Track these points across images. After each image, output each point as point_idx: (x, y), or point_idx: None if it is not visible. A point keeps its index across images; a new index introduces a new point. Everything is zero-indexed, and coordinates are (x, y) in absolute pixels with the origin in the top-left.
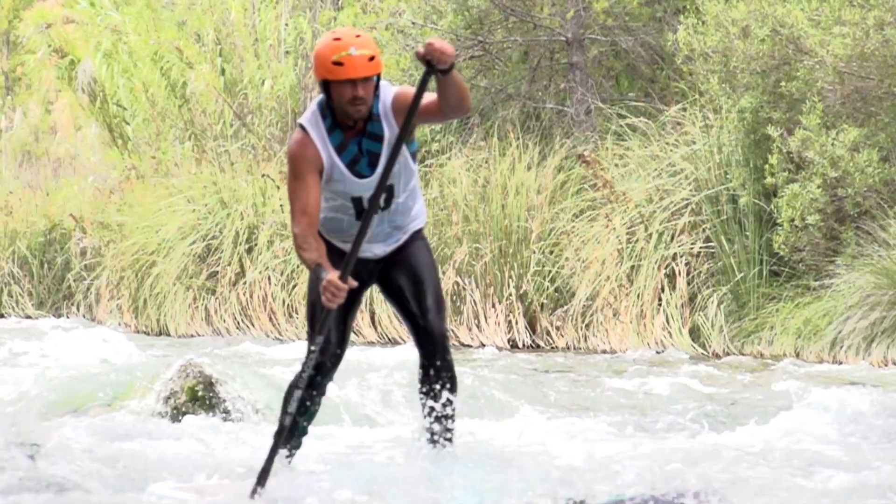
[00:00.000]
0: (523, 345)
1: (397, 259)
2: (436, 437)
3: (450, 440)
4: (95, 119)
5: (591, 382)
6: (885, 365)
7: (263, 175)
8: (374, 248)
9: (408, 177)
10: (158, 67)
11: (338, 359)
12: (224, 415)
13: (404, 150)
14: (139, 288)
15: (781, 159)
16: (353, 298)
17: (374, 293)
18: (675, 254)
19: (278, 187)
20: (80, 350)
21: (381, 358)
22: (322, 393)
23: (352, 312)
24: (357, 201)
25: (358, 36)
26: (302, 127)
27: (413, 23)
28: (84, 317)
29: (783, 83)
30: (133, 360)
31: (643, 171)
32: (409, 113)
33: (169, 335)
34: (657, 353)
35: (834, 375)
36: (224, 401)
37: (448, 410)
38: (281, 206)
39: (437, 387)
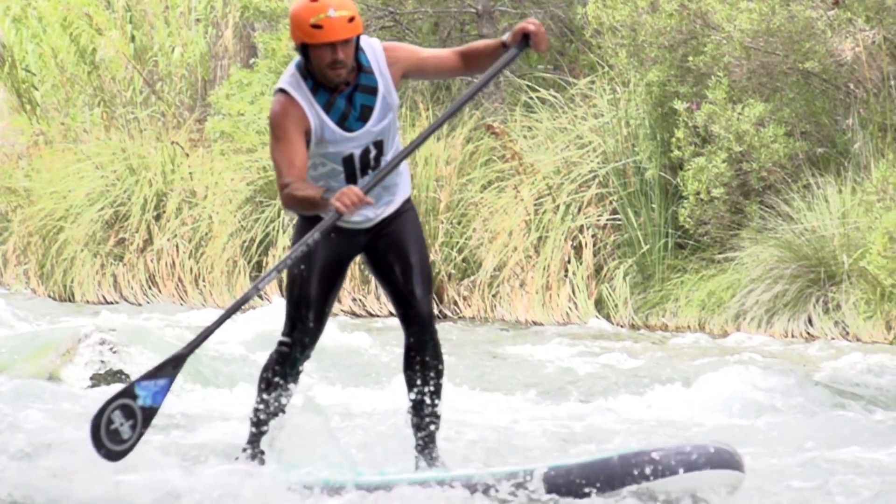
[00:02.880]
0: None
1: (386, 232)
2: (422, 420)
3: (437, 422)
4: (3, 84)
5: (499, 354)
6: (786, 337)
7: (173, 142)
8: (366, 212)
9: (394, 133)
10: (68, 33)
11: (315, 338)
12: (124, 380)
13: (395, 106)
14: (46, 253)
15: (688, 133)
16: (336, 274)
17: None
18: (581, 225)
19: (187, 155)
20: None
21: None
22: (299, 372)
23: (333, 290)
24: (348, 161)
25: None
26: (283, 90)
27: None
28: None
29: (690, 58)
30: (39, 327)
31: (552, 143)
32: (479, 86)
33: (76, 301)
34: (562, 324)
35: (737, 348)
36: (131, 368)
37: (435, 391)
38: (190, 173)
39: (424, 368)
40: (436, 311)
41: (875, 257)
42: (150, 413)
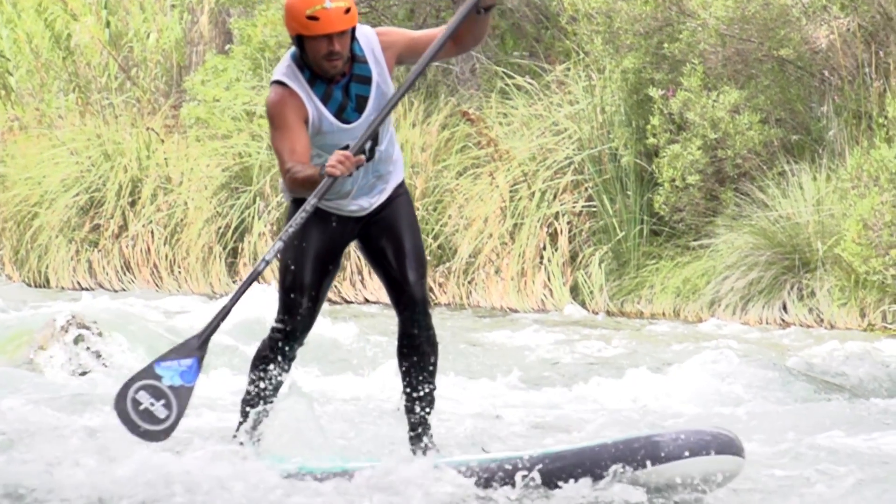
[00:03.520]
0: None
1: (379, 217)
2: (416, 405)
3: (430, 408)
4: None
5: (476, 341)
6: (761, 324)
7: (148, 128)
8: (360, 202)
9: (388, 122)
10: (43, 19)
11: (308, 325)
12: (102, 367)
13: (390, 95)
14: (21, 239)
15: (663, 120)
16: (330, 261)
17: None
18: (557, 212)
19: (163, 141)
20: None
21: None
22: (291, 359)
23: (328, 277)
24: None
25: None
26: (280, 82)
27: None
28: None
29: (666, 45)
30: (14, 314)
31: (527, 129)
32: (435, 51)
33: (51, 287)
34: (538, 311)
35: (713, 335)
36: (107, 354)
37: (429, 377)
38: (165, 159)
39: (418, 353)
40: None
41: (849, 244)
42: (182, 392)
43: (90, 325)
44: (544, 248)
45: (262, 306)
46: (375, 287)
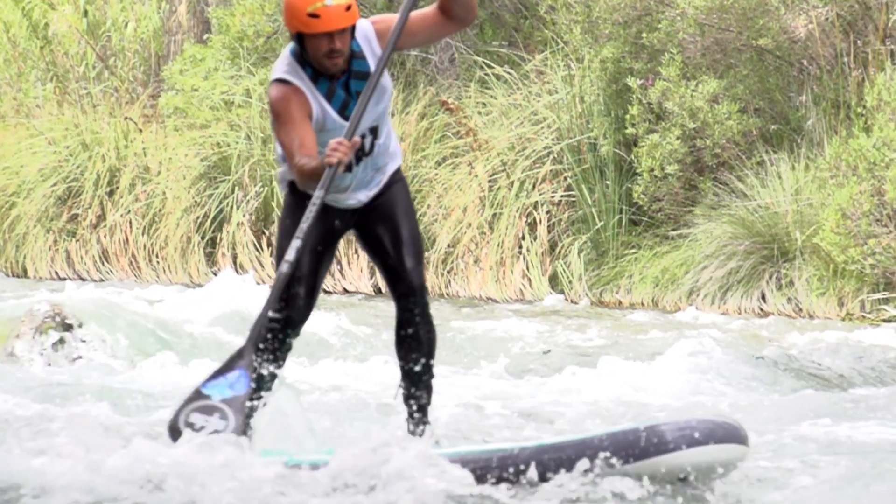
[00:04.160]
0: (386, 291)
1: (376, 205)
2: (414, 393)
3: (429, 395)
4: None
5: (457, 331)
6: (740, 313)
7: (126, 118)
8: (358, 195)
9: (385, 117)
10: (20, 7)
11: (306, 314)
12: (83, 358)
13: (388, 89)
14: None
15: (642, 110)
16: (327, 250)
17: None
18: (536, 202)
19: (141, 130)
20: None
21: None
22: (287, 350)
23: (323, 264)
24: None
25: None
26: (283, 80)
27: None
28: None
29: (644, 34)
30: None
31: (506, 119)
32: (398, 26)
33: (29, 277)
34: (517, 301)
35: (694, 325)
36: (84, 343)
37: (427, 364)
38: (144, 149)
39: (416, 342)
40: None
41: (828, 234)
42: (235, 401)
43: (70, 318)
44: (523, 238)
45: (243, 297)
46: (354, 277)
